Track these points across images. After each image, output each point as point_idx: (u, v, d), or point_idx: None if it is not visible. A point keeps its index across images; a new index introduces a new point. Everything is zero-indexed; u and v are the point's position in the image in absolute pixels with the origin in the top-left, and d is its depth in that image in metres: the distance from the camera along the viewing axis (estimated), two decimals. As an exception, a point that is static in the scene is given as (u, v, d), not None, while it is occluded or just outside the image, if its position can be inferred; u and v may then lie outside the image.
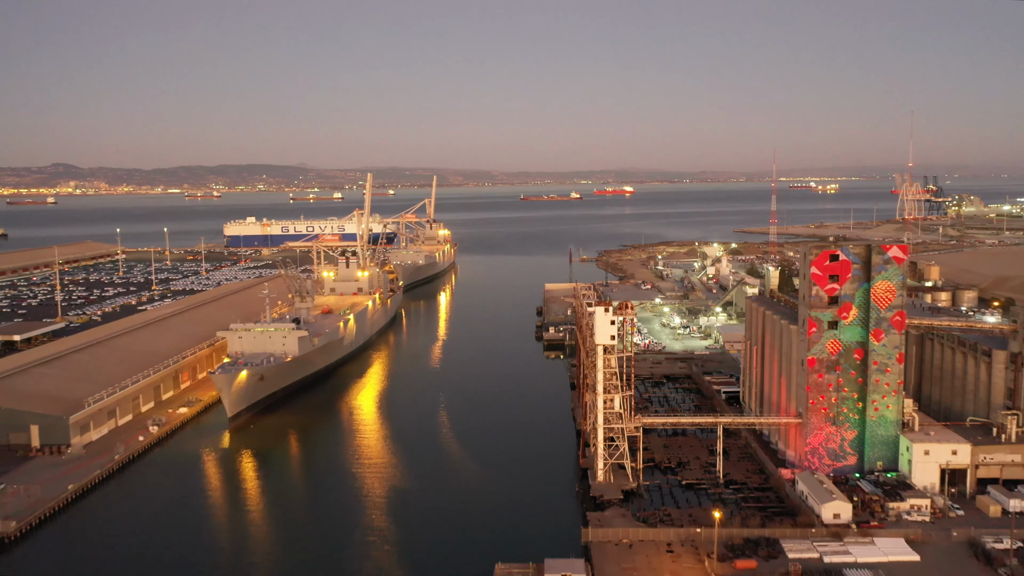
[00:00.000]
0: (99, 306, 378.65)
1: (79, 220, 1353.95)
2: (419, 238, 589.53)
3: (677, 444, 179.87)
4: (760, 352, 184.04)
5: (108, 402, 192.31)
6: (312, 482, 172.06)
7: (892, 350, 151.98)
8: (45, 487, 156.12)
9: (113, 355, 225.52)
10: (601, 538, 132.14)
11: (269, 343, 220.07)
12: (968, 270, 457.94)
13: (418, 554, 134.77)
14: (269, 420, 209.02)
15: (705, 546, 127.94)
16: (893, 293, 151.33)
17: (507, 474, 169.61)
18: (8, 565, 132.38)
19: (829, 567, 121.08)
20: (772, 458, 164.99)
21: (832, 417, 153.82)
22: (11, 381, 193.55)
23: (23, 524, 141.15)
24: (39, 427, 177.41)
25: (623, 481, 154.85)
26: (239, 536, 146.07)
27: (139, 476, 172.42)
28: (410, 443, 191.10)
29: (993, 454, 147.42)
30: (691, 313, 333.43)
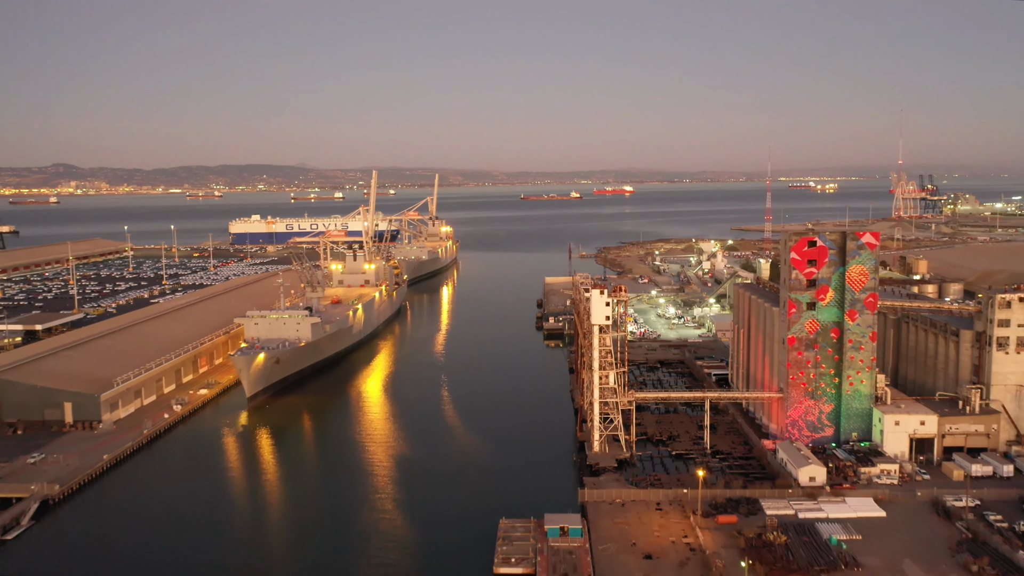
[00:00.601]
0: (113, 299, 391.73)
1: (83, 219, 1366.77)
2: (422, 235, 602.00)
3: (668, 420, 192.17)
4: (746, 334, 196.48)
5: (135, 382, 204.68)
6: (325, 455, 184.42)
7: (865, 329, 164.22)
8: (82, 457, 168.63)
9: (136, 341, 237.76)
10: (596, 498, 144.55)
11: (284, 329, 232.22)
12: (957, 265, 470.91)
13: (430, 512, 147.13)
14: (284, 401, 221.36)
15: (691, 505, 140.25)
16: (866, 276, 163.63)
17: (509, 447, 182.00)
18: (53, 523, 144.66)
19: (803, 521, 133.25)
20: (756, 431, 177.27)
21: (811, 392, 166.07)
22: (43, 363, 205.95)
23: (65, 488, 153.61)
24: (72, 404, 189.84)
25: (617, 451, 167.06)
26: (259, 501, 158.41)
27: (166, 449, 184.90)
28: (417, 421, 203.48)
29: (958, 424, 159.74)
30: (686, 305, 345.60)
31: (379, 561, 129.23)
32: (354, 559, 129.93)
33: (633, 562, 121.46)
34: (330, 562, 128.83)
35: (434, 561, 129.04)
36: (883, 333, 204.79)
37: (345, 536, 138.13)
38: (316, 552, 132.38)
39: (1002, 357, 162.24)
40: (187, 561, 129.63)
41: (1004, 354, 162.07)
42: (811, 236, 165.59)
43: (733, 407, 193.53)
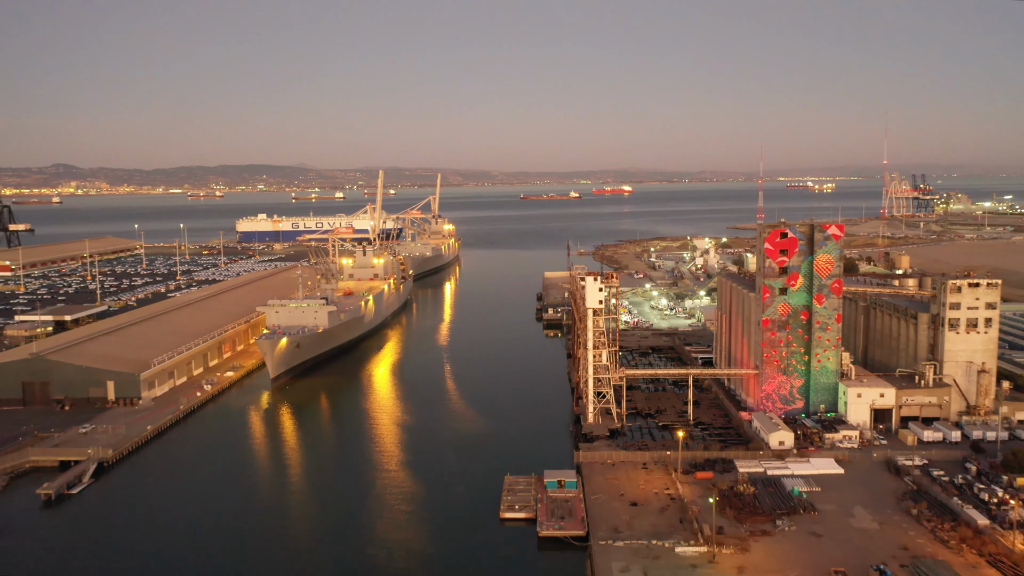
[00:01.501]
0: (131, 293, 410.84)
1: (88, 219, 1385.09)
2: (426, 232, 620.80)
3: (657, 397, 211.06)
4: (728, 319, 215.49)
5: (169, 364, 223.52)
6: (342, 428, 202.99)
7: (831, 311, 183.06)
8: (128, 427, 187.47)
9: (166, 328, 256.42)
10: (590, 459, 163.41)
11: (302, 317, 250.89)
12: (940, 260, 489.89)
13: (441, 472, 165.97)
14: (304, 382, 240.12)
15: (673, 464, 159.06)
16: (832, 264, 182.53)
17: (512, 419, 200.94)
18: (108, 482, 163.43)
19: (771, 477, 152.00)
20: (735, 405, 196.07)
21: (783, 368, 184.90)
22: (85, 347, 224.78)
23: (117, 453, 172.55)
24: (115, 383, 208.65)
25: (610, 422, 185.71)
26: (283, 466, 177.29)
27: (200, 422, 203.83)
28: (426, 398, 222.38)
29: (913, 397, 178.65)
30: (678, 298, 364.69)
31: (398, 511, 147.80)
32: (374, 511, 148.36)
33: (621, 508, 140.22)
34: (352, 514, 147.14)
35: (448, 510, 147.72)
36: (854, 319, 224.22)
37: (364, 493, 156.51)
38: (338, 507, 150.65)
39: (953, 336, 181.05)
40: (220, 516, 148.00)
41: (955, 334, 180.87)
42: (783, 228, 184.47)
43: (716, 385, 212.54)
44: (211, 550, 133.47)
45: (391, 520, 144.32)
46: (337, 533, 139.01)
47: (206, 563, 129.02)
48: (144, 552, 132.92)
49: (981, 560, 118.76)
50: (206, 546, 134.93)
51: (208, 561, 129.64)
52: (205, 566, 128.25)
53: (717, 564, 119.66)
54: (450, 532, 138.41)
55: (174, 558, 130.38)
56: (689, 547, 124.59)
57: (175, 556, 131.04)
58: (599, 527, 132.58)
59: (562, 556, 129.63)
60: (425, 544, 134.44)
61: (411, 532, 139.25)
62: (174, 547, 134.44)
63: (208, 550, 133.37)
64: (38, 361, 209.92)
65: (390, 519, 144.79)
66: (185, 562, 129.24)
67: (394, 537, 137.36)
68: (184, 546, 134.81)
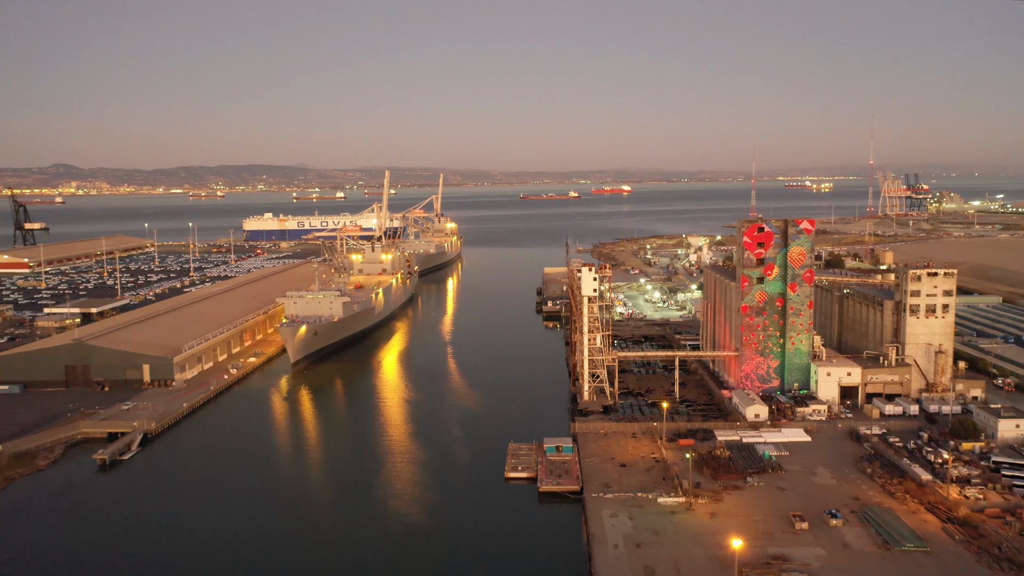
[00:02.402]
0: (148, 289, 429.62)
1: (92, 218, 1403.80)
2: (429, 230, 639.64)
3: (647, 379, 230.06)
4: (712, 307, 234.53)
5: (198, 349, 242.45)
6: (357, 406, 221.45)
7: (804, 298, 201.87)
8: (167, 404, 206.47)
9: (191, 318, 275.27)
10: (585, 430, 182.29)
11: (318, 307, 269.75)
12: (924, 257, 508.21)
13: (450, 440, 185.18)
14: (321, 367, 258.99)
15: (659, 433, 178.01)
16: (804, 256, 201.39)
17: (513, 397, 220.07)
18: (153, 450, 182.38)
19: (745, 444, 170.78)
20: (718, 384, 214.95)
21: (760, 350, 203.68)
22: (121, 334, 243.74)
23: (160, 425, 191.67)
24: (150, 366, 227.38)
25: (603, 400, 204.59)
26: (304, 438, 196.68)
27: (229, 401, 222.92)
28: (434, 380, 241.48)
29: (878, 375, 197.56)
30: (671, 291, 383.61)
31: (411, 473, 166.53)
32: (389, 474, 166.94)
33: (611, 468, 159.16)
34: (369, 477, 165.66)
35: (458, 472, 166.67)
36: (830, 307, 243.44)
37: (380, 460, 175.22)
38: (356, 471, 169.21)
39: (914, 321, 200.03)
40: (252, 478, 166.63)
41: (916, 319, 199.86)
42: (760, 223, 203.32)
43: (701, 367, 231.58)
44: (244, 505, 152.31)
45: (406, 480, 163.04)
46: (356, 491, 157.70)
47: (240, 514, 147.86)
48: (187, 506, 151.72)
49: (921, 507, 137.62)
50: (240, 501, 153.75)
51: (242, 512, 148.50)
52: (240, 516, 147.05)
53: (693, 511, 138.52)
54: (461, 489, 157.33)
55: (213, 511, 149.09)
56: (670, 498, 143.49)
57: (214, 510, 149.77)
58: (592, 483, 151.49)
59: (560, 507, 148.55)
60: (438, 500, 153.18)
61: (424, 490, 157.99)
62: (213, 503, 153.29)
63: (241, 505, 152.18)
64: (80, 346, 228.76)
65: (405, 480, 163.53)
66: (223, 514, 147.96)
67: (409, 494, 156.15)
68: (221, 502, 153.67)
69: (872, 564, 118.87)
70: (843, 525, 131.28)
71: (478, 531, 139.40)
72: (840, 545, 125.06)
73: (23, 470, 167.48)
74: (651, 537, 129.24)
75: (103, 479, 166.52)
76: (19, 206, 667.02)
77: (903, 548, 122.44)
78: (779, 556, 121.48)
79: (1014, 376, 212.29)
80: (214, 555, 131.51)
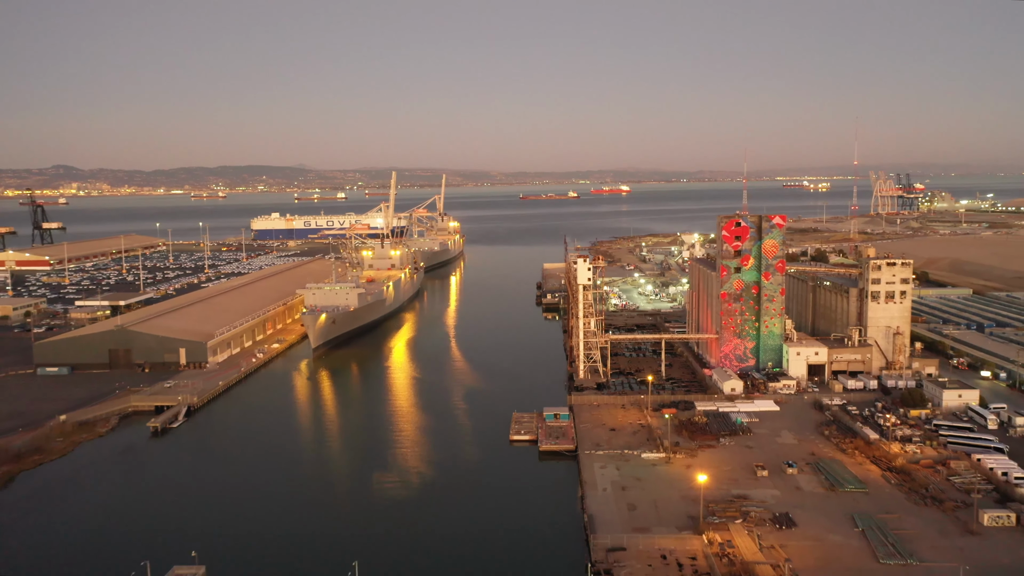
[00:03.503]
0: (167, 284, 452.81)
1: (98, 219, 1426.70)
2: (433, 229, 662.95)
3: (637, 361, 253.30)
4: (697, 295, 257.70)
5: (228, 336, 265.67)
6: (372, 386, 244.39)
7: (776, 286, 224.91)
8: (205, 383, 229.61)
9: (217, 309, 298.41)
10: (580, 402, 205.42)
11: (335, 297, 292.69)
12: (908, 253, 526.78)
13: (460, 411, 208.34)
14: (338, 353, 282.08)
15: (645, 404, 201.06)
16: (776, 248, 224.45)
17: (514, 376, 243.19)
18: (196, 420, 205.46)
19: (721, 412, 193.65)
20: (700, 364, 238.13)
21: (738, 333, 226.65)
22: (157, 321, 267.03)
23: (202, 399, 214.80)
24: (186, 349, 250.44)
25: (597, 378, 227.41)
26: (324, 413, 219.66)
27: (258, 381, 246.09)
28: (441, 364, 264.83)
29: (842, 355, 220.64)
30: (663, 285, 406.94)
31: (424, 438, 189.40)
32: (404, 439, 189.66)
33: (602, 432, 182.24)
34: (385, 442, 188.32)
35: (468, 436, 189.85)
36: (804, 295, 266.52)
37: (395, 429, 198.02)
38: (373, 437, 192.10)
39: (875, 306, 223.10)
40: (281, 442, 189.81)
41: (876, 304, 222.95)
42: (737, 219, 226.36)
43: (686, 350, 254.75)
44: (276, 464, 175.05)
45: (421, 444, 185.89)
46: (376, 453, 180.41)
47: (273, 471, 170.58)
48: (227, 466, 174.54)
49: (866, 460, 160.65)
50: (272, 462, 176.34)
51: (275, 470, 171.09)
52: (273, 473, 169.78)
53: (671, 464, 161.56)
54: (470, 450, 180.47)
55: (250, 470, 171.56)
56: (652, 454, 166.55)
57: (250, 469, 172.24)
58: (585, 443, 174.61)
59: (557, 463, 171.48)
60: (451, 458, 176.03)
61: (438, 451, 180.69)
62: (249, 464, 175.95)
63: (274, 464, 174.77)
64: (122, 332, 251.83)
65: (420, 444, 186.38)
66: (258, 472, 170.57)
67: (425, 455, 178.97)
68: (256, 463, 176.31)
69: (818, 501, 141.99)
70: (797, 473, 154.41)
71: (488, 482, 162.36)
72: (793, 488, 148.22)
73: (86, 436, 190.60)
74: (634, 483, 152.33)
75: (155, 444, 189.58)
76: (37, 207, 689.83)
77: (845, 489, 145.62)
78: (741, 495, 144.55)
79: (967, 356, 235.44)
80: (251, 505, 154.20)
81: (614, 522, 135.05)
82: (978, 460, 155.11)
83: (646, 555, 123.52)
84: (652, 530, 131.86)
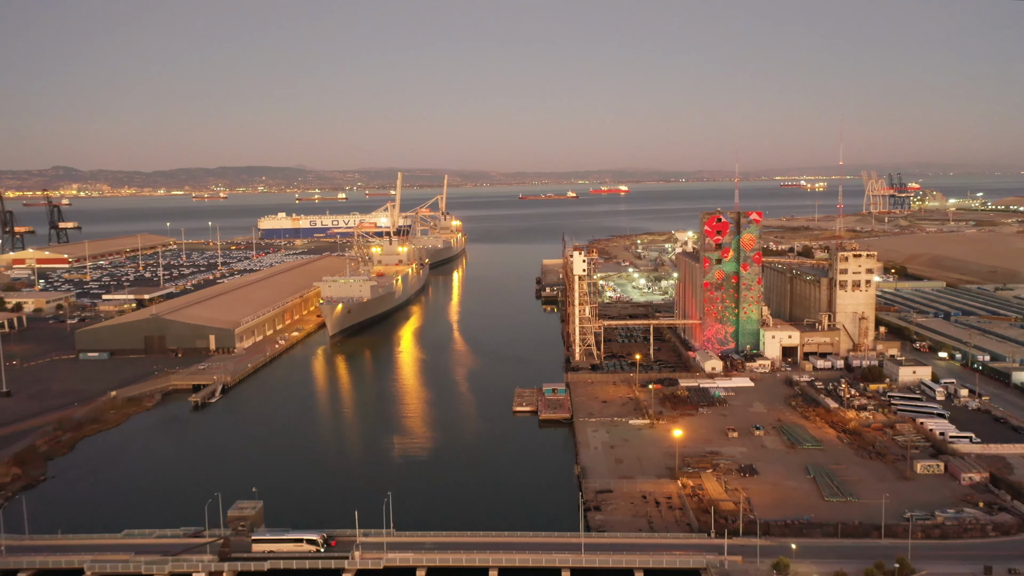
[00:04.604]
0: (184, 280, 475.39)
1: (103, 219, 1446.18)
2: (435, 228, 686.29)
3: (629, 345, 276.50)
4: (683, 285, 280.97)
5: (252, 324, 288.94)
6: (385, 368, 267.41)
7: (754, 276, 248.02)
8: (236, 365, 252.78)
9: (240, 300, 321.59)
10: (575, 379, 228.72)
11: (350, 289, 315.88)
12: (891, 249, 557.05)
13: (466, 387, 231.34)
14: (353, 340, 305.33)
15: (634, 381, 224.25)
16: (753, 241, 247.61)
17: (516, 359, 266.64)
18: (231, 396, 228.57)
19: (701, 388, 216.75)
20: (685, 348, 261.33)
21: (719, 318, 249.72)
22: (187, 311, 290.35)
23: (234, 379, 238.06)
24: (215, 336, 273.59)
25: (591, 360, 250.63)
26: (343, 391, 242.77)
27: (282, 364, 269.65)
28: (448, 349, 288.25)
29: (813, 338, 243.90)
30: (656, 279, 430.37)
31: (435, 410, 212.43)
32: (416, 413, 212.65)
33: (595, 404, 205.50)
34: (398, 414, 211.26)
35: (474, 408, 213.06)
36: (782, 285, 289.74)
37: (407, 403, 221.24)
38: (387, 410, 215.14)
39: (843, 294, 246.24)
40: (305, 415, 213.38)
41: (844, 292, 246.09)
42: (718, 215, 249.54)
43: (673, 335, 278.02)
44: (308, 428, 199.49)
45: (432, 416, 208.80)
46: (391, 423, 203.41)
47: (307, 432, 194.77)
48: (260, 435, 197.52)
49: (825, 424, 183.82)
50: (297, 431, 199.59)
51: (300, 438, 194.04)
52: (307, 433, 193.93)
53: (655, 428, 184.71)
54: (478, 420, 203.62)
55: (279, 439, 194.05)
56: (638, 421, 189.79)
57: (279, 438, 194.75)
58: (580, 412, 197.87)
59: (555, 430, 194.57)
60: (460, 425, 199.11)
61: (449, 420, 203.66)
62: (278, 433, 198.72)
63: (299, 433, 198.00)
64: (156, 320, 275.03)
65: (431, 415, 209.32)
66: (294, 433, 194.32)
67: (437, 423, 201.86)
68: (290, 427, 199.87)
69: (779, 456, 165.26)
70: (763, 435, 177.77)
71: (494, 445, 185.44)
72: (759, 446, 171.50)
73: (135, 409, 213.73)
74: (622, 443, 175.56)
75: (197, 416, 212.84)
76: (53, 207, 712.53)
77: (803, 447, 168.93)
78: (713, 452, 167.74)
79: (929, 340, 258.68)
80: (292, 456, 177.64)
81: (603, 472, 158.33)
82: (921, 423, 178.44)
83: (629, 495, 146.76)
84: (635, 478, 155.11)
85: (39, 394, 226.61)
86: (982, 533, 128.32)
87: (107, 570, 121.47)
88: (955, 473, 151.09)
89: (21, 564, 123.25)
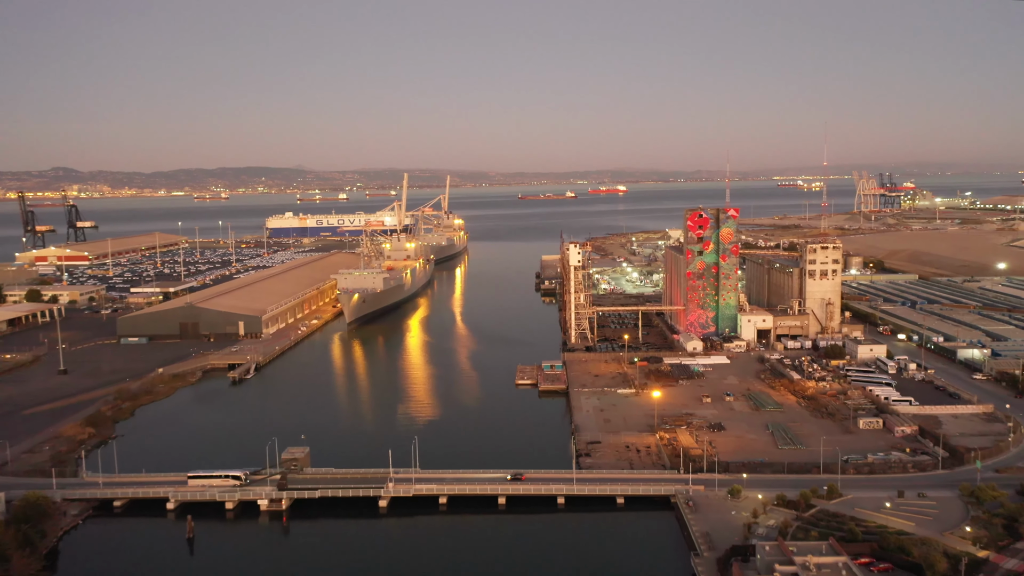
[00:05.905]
0: (202, 276, 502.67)
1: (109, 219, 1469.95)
2: (439, 226, 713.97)
3: (620, 330, 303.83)
4: (669, 275, 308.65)
5: (277, 312, 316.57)
6: (398, 350, 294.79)
7: (731, 267, 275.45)
8: (265, 348, 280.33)
9: (262, 291, 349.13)
10: (571, 358, 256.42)
11: (364, 281, 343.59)
12: (874, 246, 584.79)
13: (469, 366, 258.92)
14: (368, 327, 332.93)
15: (623, 359, 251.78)
16: (731, 235, 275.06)
17: (517, 342, 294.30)
18: (263, 374, 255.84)
19: (683, 365, 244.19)
20: (671, 331, 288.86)
21: (701, 305, 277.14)
22: (217, 300, 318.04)
23: (265, 359, 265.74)
24: (244, 322, 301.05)
25: (586, 342, 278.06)
26: (359, 371, 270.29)
27: (306, 347, 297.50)
28: (455, 335, 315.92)
29: (785, 321, 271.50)
30: (648, 274, 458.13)
31: (445, 385, 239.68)
32: (426, 389, 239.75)
33: (588, 377, 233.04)
34: (411, 388, 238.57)
35: (480, 382, 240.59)
36: (761, 276, 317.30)
37: (418, 380, 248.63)
38: (400, 386, 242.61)
39: (812, 282, 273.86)
40: (327, 390, 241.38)
41: (813, 280, 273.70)
42: (699, 211, 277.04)
43: (661, 321, 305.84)
44: (337, 397, 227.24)
45: (441, 390, 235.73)
46: (404, 396, 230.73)
47: (323, 408, 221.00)
48: (290, 405, 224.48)
49: (787, 392, 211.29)
50: (321, 403, 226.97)
51: (324, 408, 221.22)
52: (332, 401, 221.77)
53: (639, 396, 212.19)
54: (484, 392, 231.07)
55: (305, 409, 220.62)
56: (625, 390, 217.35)
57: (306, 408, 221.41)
58: (574, 384, 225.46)
59: (552, 399, 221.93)
60: (467, 396, 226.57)
61: (457, 393, 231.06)
62: (316, 395, 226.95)
63: (322, 404, 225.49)
64: (190, 308, 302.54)
65: (441, 390, 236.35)
66: (325, 400, 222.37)
67: (446, 394, 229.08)
68: (321, 396, 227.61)
69: (744, 416, 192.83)
70: (733, 400, 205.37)
71: (499, 411, 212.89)
72: (728, 409, 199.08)
73: (180, 384, 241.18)
74: (610, 407, 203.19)
75: (235, 390, 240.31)
76: (71, 207, 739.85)
77: (766, 409, 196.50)
78: (688, 413, 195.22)
79: (891, 324, 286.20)
80: (328, 415, 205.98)
81: (593, 428, 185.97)
82: (870, 390, 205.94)
83: (615, 446, 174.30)
84: (620, 432, 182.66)
85: (92, 372, 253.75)
86: (903, 470, 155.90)
87: (188, 498, 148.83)
88: (891, 427, 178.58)
89: (116, 495, 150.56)
